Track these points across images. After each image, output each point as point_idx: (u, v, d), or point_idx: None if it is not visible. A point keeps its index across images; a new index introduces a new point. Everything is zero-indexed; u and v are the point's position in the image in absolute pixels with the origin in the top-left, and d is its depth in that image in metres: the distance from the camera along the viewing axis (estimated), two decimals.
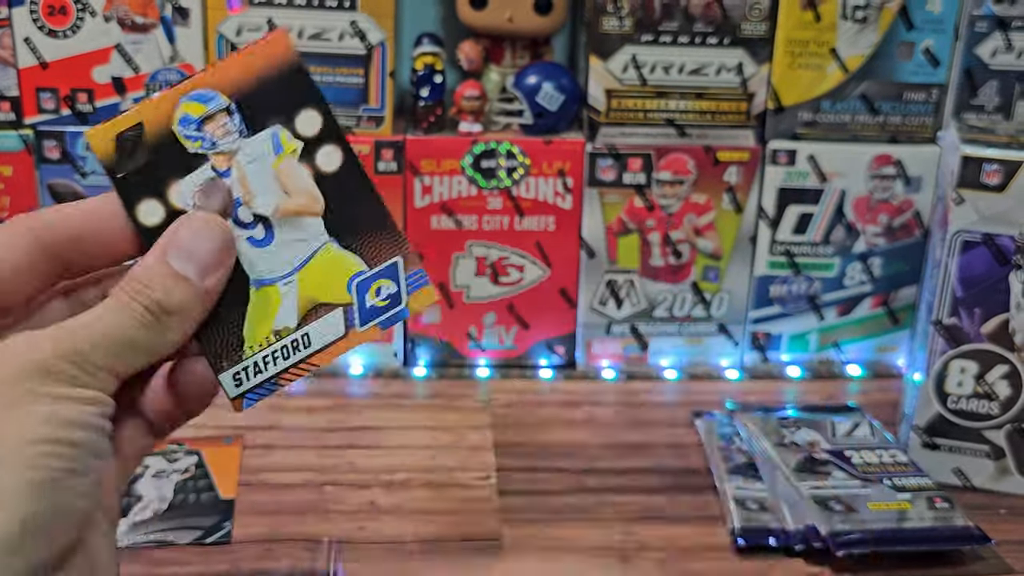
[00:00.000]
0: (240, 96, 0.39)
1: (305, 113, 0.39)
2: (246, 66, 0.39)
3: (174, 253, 0.38)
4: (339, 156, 0.40)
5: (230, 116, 0.39)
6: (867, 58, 0.82)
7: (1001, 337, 0.67)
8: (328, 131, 0.40)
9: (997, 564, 0.62)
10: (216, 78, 0.39)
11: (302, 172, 0.39)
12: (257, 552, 0.62)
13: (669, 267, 0.86)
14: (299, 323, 0.40)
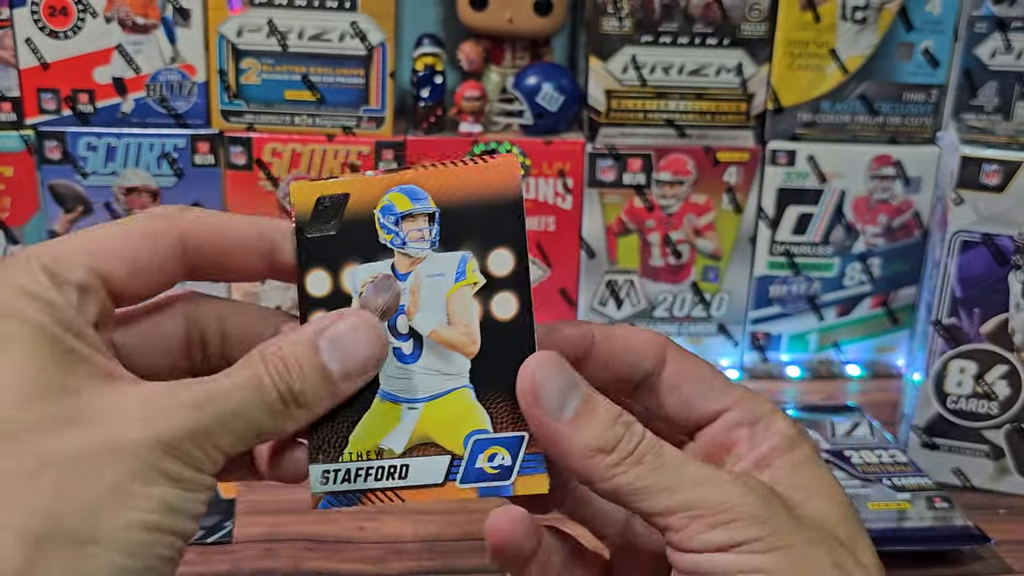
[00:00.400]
0: (446, 207, 0.38)
1: (501, 252, 0.38)
2: (466, 179, 0.38)
3: (327, 345, 0.36)
4: (514, 308, 0.38)
5: (430, 223, 0.38)
6: (866, 59, 0.82)
7: (1000, 337, 0.68)
8: (515, 279, 0.38)
9: (996, 564, 0.63)
10: (433, 180, 0.38)
11: (473, 308, 0.38)
12: (258, 552, 0.62)
13: (669, 267, 0.86)
14: (404, 451, 0.38)
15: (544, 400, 0.35)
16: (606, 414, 0.35)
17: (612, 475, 0.35)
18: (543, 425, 0.35)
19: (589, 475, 0.35)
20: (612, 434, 0.35)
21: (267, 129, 0.80)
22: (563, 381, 0.35)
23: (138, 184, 0.80)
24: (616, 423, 0.35)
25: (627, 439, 0.35)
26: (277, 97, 0.80)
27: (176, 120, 0.80)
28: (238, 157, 0.80)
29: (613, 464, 0.34)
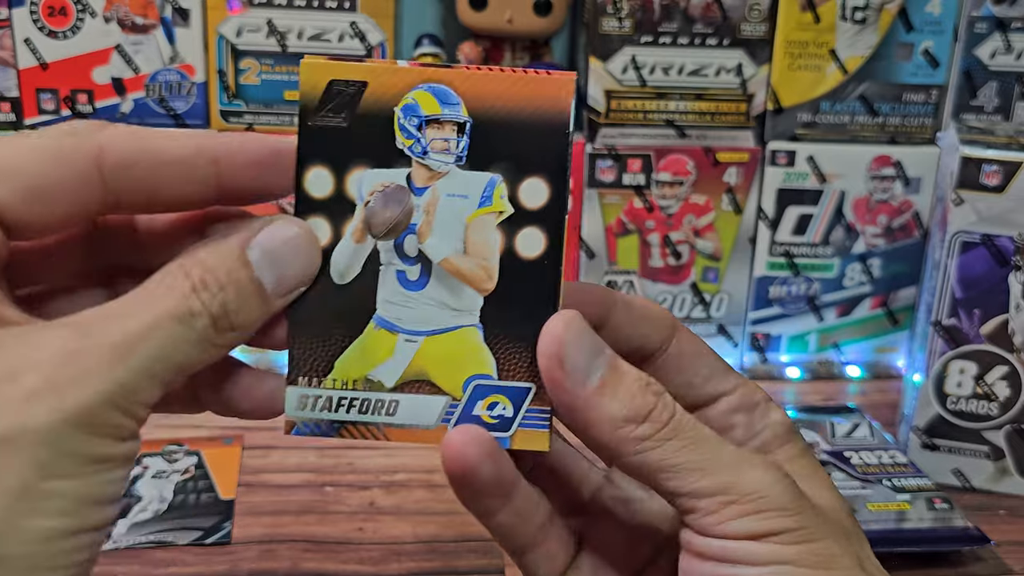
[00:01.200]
0: (480, 118, 0.33)
1: (536, 181, 0.33)
2: (508, 90, 0.33)
3: (259, 257, 0.31)
4: (541, 246, 0.33)
5: (459, 134, 0.33)
6: (866, 59, 0.82)
7: (1000, 338, 0.67)
8: (547, 214, 0.33)
9: (996, 565, 0.62)
10: (470, 84, 0.33)
11: (494, 239, 0.34)
12: (257, 553, 0.62)
13: (668, 268, 0.86)
14: (395, 386, 0.34)
15: (570, 365, 0.32)
16: (635, 382, 0.33)
17: (642, 449, 0.32)
18: (567, 392, 0.32)
19: (617, 447, 0.33)
20: (643, 403, 0.32)
21: (266, 129, 0.80)
22: (589, 346, 0.33)
23: None
24: (646, 391, 0.33)
25: (659, 409, 0.33)
26: (277, 97, 0.80)
27: (175, 120, 0.80)
28: None
29: (644, 436, 0.32)
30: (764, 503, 0.32)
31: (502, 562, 0.61)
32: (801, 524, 0.32)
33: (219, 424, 0.75)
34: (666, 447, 0.32)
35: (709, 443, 0.33)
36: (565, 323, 0.32)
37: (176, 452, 0.71)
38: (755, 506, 0.32)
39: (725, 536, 0.32)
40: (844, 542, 0.33)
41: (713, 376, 0.38)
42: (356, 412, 0.34)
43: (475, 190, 0.34)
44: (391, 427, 0.34)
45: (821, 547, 0.32)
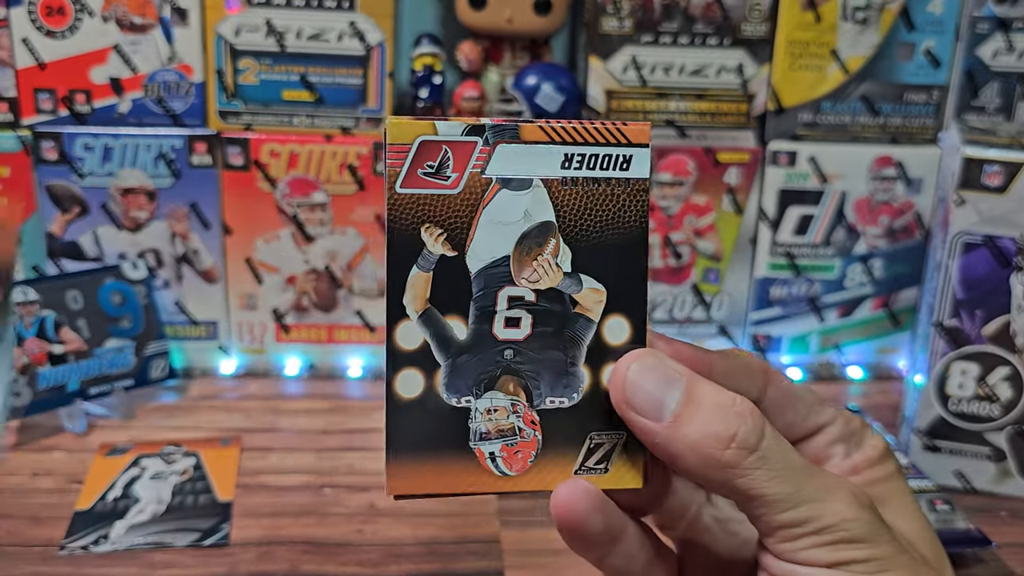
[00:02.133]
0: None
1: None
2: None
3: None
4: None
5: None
6: (868, 59, 0.81)
7: (1002, 339, 0.67)
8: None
9: (998, 567, 0.62)
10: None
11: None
12: (255, 554, 0.61)
13: (669, 269, 0.86)
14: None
15: (639, 404, 0.33)
16: (715, 407, 0.33)
17: (729, 477, 0.33)
18: (642, 431, 0.33)
19: (703, 475, 0.33)
20: (724, 428, 0.33)
21: (265, 129, 0.80)
22: (659, 377, 0.33)
23: (135, 185, 0.79)
24: (729, 414, 0.33)
25: (744, 433, 0.33)
26: (275, 97, 0.80)
27: (173, 120, 0.79)
28: (235, 158, 0.80)
29: (730, 464, 0.33)
30: (841, 535, 0.33)
31: (501, 564, 0.61)
32: (874, 555, 0.33)
33: (216, 425, 0.75)
34: (753, 476, 0.33)
35: (795, 473, 0.33)
36: (629, 361, 0.34)
37: (174, 453, 0.71)
38: (832, 537, 0.33)
39: (799, 563, 0.33)
40: (922, 570, 0.34)
41: (811, 413, 0.38)
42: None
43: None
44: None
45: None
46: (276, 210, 0.80)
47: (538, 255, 0.34)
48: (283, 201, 0.80)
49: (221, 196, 0.80)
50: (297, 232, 0.81)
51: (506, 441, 0.34)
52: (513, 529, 0.65)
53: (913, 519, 0.37)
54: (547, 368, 0.34)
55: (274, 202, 0.80)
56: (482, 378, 0.34)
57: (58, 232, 0.80)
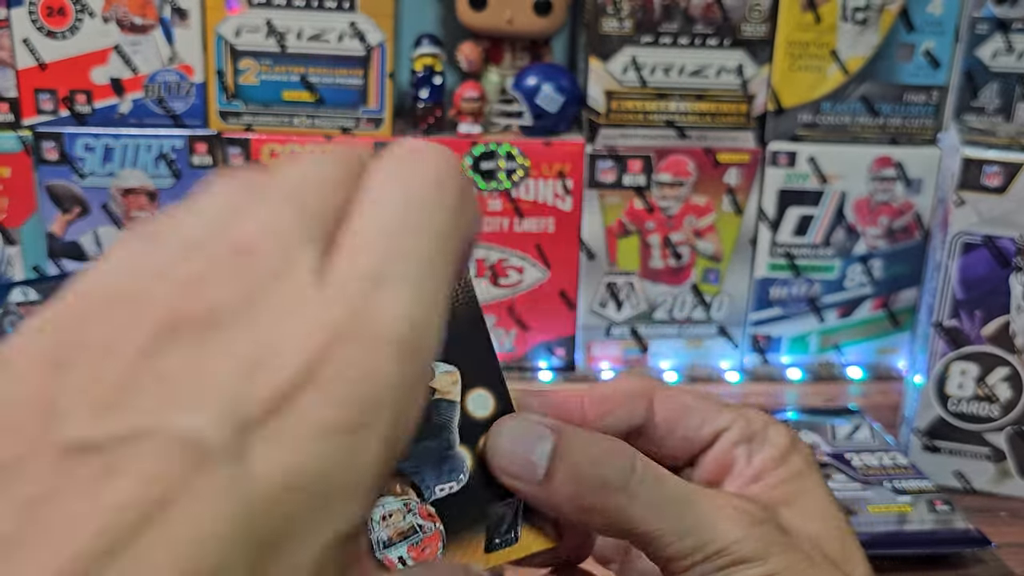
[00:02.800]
0: None
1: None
2: None
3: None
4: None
5: None
6: (867, 60, 0.81)
7: (1002, 339, 0.67)
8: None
9: (997, 567, 0.62)
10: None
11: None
12: None
13: (669, 269, 0.86)
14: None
15: (511, 467, 0.33)
16: (583, 456, 0.33)
17: (612, 521, 0.33)
18: (525, 495, 0.33)
19: (588, 522, 0.34)
20: (592, 474, 0.33)
21: (265, 130, 0.80)
22: (525, 437, 0.33)
23: (135, 185, 0.79)
24: (598, 462, 0.33)
25: (611, 475, 0.33)
26: (275, 98, 0.80)
27: (174, 121, 0.79)
28: (236, 158, 0.80)
29: (608, 508, 0.33)
30: (732, 556, 0.33)
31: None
32: (769, 571, 0.33)
33: None
34: (630, 515, 0.33)
35: (674, 504, 0.33)
36: (494, 432, 0.34)
37: None
38: (723, 560, 0.33)
39: None
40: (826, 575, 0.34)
41: (706, 421, 0.38)
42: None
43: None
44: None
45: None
46: None
47: None
48: None
49: None
50: None
51: (410, 542, 0.34)
52: None
53: (821, 518, 0.36)
54: (426, 459, 0.34)
55: None
56: None
57: (59, 232, 0.80)
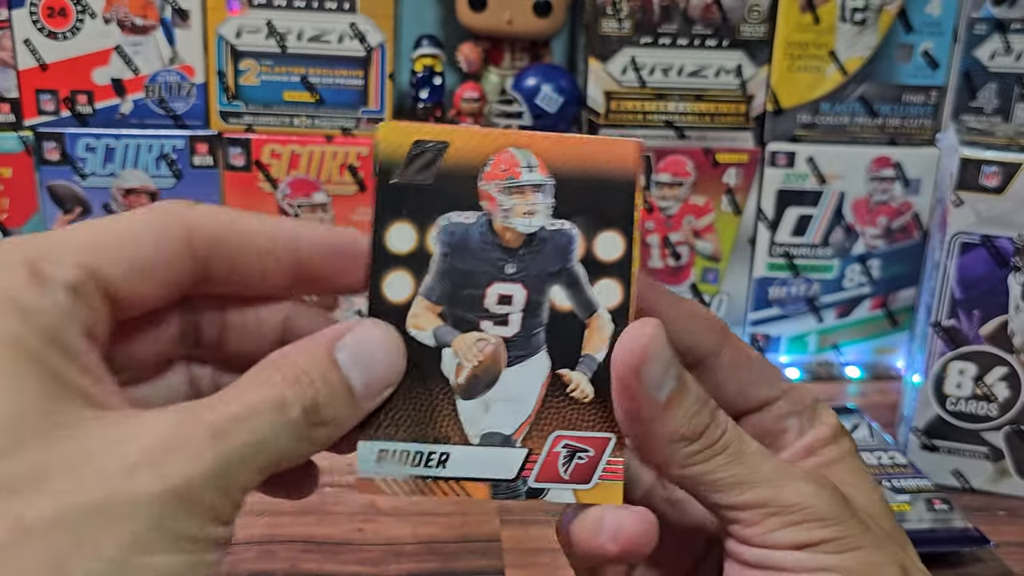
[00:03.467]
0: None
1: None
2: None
3: (347, 358, 0.31)
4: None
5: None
6: (866, 60, 0.82)
7: (1000, 339, 0.67)
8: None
9: (996, 566, 0.62)
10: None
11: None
12: (256, 553, 0.61)
13: (668, 269, 0.86)
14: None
15: (646, 378, 0.32)
16: (696, 400, 0.33)
17: (690, 463, 0.33)
18: (638, 402, 0.32)
19: (666, 461, 0.33)
20: (699, 422, 0.33)
21: (266, 130, 0.80)
22: (666, 357, 0.32)
23: (137, 185, 0.80)
24: (703, 410, 0.33)
25: (712, 428, 0.33)
26: (276, 98, 0.80)
27: (175, 121, 0.80)
28: (237, 158, 0.80)
29: (694, 453, 0.33)
30: (806, 514, 0.33)
31: (501, 563, 0.61)
32: (843, 533, 0.33)
33: None
34: (711, 463, 0.33)
35: (752, 457, 0.33)
36: (648, 334, 0.32)
37: None
38: (797, 517, 0.33)
39: (768, 546, 0.33)
40: (888, 548, 0.34)
41: (764, 382, 0.38)
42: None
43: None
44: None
45: (864, 555, 0.33)
46: (278, 211, 0.80)
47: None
48: (284, 202, 0.81)
49: (222, 197, 0.81)
50: None
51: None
52: (513, 528, 0.65)
53: (872, 496, 0.36)
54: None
55: (275, 203, 0.80)
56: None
57: None
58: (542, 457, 0.34)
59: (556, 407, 0.34)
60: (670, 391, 0.32)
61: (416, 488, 0.34)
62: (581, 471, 0.34)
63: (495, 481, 0.34)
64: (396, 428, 0.34)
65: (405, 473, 0.34)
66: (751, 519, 0.33)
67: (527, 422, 0.34)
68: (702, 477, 0.33)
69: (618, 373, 0.33)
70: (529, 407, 0.34)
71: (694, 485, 0.33)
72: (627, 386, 0.33)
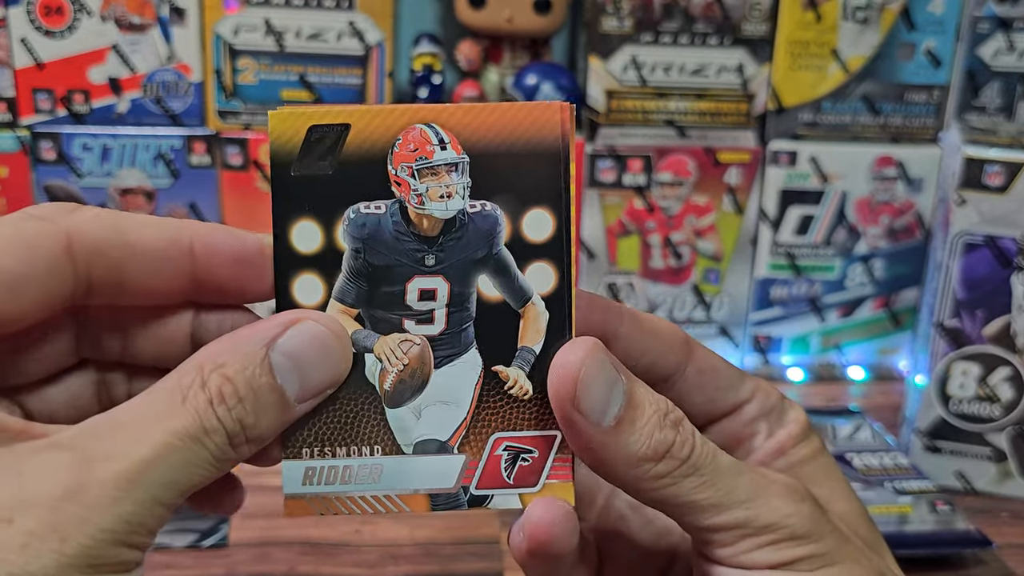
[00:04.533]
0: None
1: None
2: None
3: (283, 360, 0.29)
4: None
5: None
6: (868, 59, 0.81)
7: (1003, 339, 0.67)
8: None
9: (998, 568, 0.62)
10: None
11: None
12: (253, 556, 0.61)
13: (669, 269, 0.86)
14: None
15: (586, 404, 0.30)
16: (652, 415, 0.31)
17: (660, 486, 0.31)
18: (581, 433, 0.30)
19: (635, 486, 0.31)
20: (660, 440, 0.31)
21: (264, 129, 0.80)
22: (606, 379, 0.30)
23: (133, 185, 0.79)
24: (664, 425, 0.31)
25: (679, 445, 0.31)
26: (274, 97, 0.80)
27: (172, 120, 0.79)
28: (234, 158, 0.79)
29: (661, 475, 0.31)
30: (783, 533, 0.32)
31: (500, 565, 0.61)
32: (820, 550, 0.32)
33: None
34: (684, 484, 0.31)
35: (726, 476, 0.32)
36: (581, 357, 0.30)
37: None
38: (774, 536, 0.32)
39: (743, 566, 0.32)
40: (865, 560, 0.33)
41: (732, 387, 0.37)
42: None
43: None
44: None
45: (842, 570, 0.32)
46: None
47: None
48: None
49: (220, 196, 0.80)
50: None
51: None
52: None
53: (846, 499, 0.36)
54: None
55: None
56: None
57: None
58: (482, 462, 0.32)
59: (493, 407, 0.32)
60: (617, 413, 0.30)
61: (349, 506, 0.31)
62: (526, 473, 0.32)
63: (434, 492, 0.32)
64: (321, 443, 0.31)
65: (335, 491, 0.31)
66: (725, 540, 0.32)
67: (463, 426, 0.32)
68: (674, 500, 0.31)
69: (555, 403, 0.31)
70: (464, 409, 0.32)
71: (667, 508, 0.32)
72: (568, 419, 0.30)
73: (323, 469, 0.31)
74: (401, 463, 0.32)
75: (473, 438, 0.32)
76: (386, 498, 0.32)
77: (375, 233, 0.31)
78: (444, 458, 0.32)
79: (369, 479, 0.32)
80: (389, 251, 0.31)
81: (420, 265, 0.31)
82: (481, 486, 0.32)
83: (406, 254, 0.31)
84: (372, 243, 0.31)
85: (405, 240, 0.31)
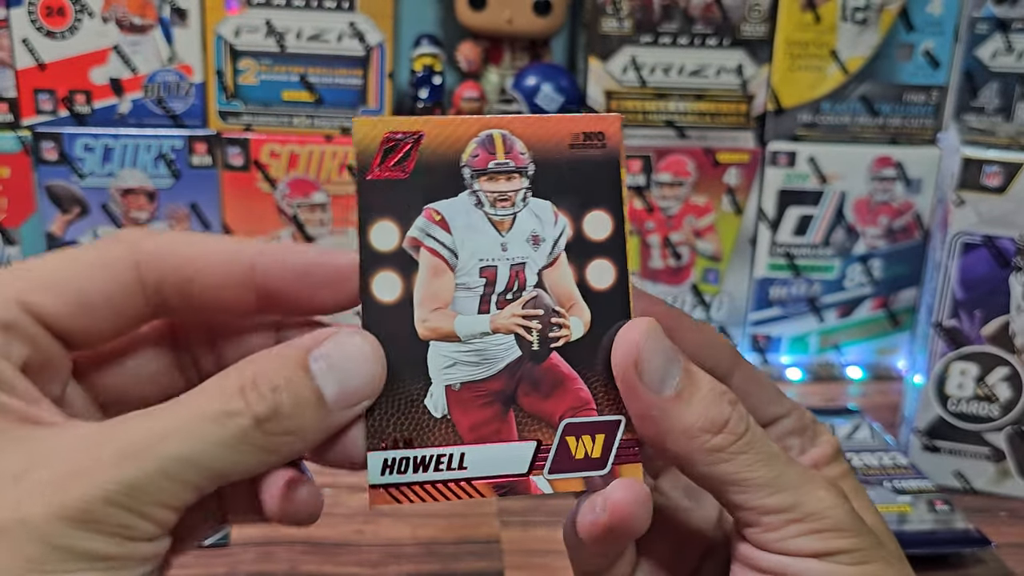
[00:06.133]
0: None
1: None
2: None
3: (322, 366, 0.30)
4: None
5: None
6: (867, 60, 0.81)
7: (1001, 339, 0.67)
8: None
9: (997, 567, 0.62)
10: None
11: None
12: (255, 555, 0.61)
13: (669, 269, 0.86)
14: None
15: (646, 372, 0.32)
16: (710, 391, 0.32)
17: (715, 460, 0.32)
18: (643, 400, 0.32)
19: (689, 457, 0.32)
20: (718, 413, 0.32)
21: (265, 130, 0.80)
22: (666, 352, 0.32)
23: (135, 185, 0.79)
24: (722, 401, 0.32)
25: (735, 421, 0.32)
26: (275, 98, 0.80)
27: (173, 121, 0.79)
28: (235, 158, 0.80)
29: (718, 448, 0.32)
30: (826, 523, 0.32)
31: (501, 564, 0.61)
32: (858, 546, 0.33)
33: None
34: (738, 460, 0.32)
35: (779, 460, 0.33)
36: (642, 329, 0.32)
37: None
38: (817, 525, 0.32)
39: (785, 552, 0.32)
40: (898, 564, 0.34)
41: (771, 401, 0.38)
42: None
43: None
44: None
45: (875, 569, 0.33)
46: (276, 211, 0.80)
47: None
48: (283, 202, 0.80)
49: (221, 197, 0.80)
50: (297, 233, 0.81)
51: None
52: (513, 529, 0.65)
53: (873, 516, 0.36)
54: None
55: (274, 203, 0.80)
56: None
57: (58, 232, 0.80)
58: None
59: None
60: (677, 384, 0.32)
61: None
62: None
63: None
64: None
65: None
66: (771, 524, 0.32)
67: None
68: (728, 476, 0.32)
69: (618, 373, 0.32)
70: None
71: (719, 484, 0.33)
72: (629, 384, 0.32)
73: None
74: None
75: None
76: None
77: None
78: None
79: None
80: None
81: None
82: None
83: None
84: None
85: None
